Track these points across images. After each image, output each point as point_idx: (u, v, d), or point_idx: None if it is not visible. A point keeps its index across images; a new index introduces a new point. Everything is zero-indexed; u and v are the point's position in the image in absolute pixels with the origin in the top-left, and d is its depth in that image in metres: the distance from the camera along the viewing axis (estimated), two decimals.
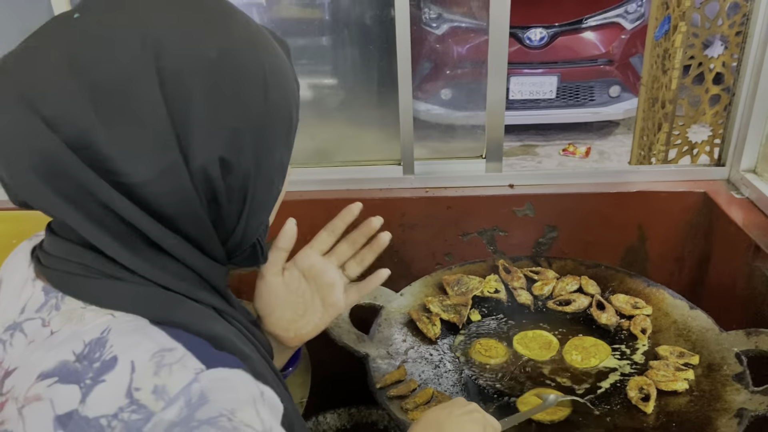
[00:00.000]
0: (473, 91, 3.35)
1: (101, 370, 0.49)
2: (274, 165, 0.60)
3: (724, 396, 1.03)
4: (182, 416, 0.47)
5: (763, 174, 1.56)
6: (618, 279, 1.36)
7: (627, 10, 4.00)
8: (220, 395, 0.49)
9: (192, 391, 0.48)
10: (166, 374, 0.48)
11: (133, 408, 0.47)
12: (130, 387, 0.48)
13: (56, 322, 0.53)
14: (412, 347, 1.22)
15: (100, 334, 0.51)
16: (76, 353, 0.50)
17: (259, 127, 0.57)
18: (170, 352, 0.50)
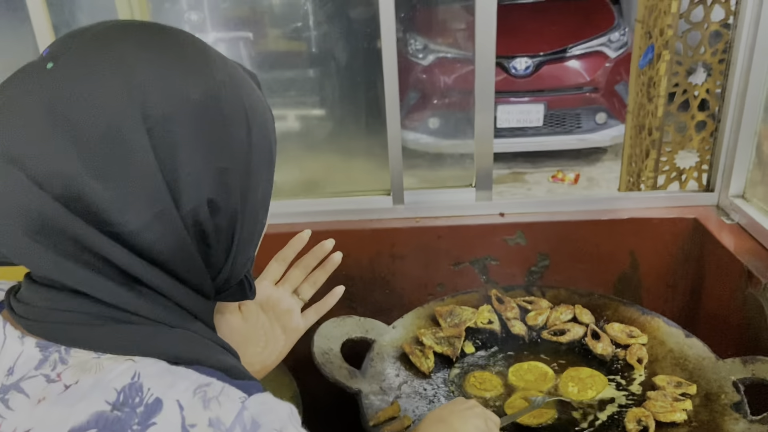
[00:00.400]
0: (460, 120, 3.38)
1: (148, 414, 0.48)
2: (258, 200, 0.61)
3: (722, 426, 1.02)
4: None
5: (751, 199, 1.57)
6: (612, 307, 1.35)
7: (610, 39, 4.07)
8: (267, 418, 0.51)
9: (245, 419, 0.50)
10: (216, 407, 0.50)
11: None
12: (184, 424, 0.48)
13: (68, 375, 0.51)
14: (405, 382, 1.19)
15: (131, 379, 0.50)
16: (111, 402, 0.49)
17: (244, 165, 0.57)
18: (209, 387, 0.51)
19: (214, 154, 0.54)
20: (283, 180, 1.89)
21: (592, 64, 4.03)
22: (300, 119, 2.06)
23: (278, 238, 1.65)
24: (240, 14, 2.20)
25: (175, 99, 0.52)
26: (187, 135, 0.53)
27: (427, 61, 3.85)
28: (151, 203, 0.51)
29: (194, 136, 0.53)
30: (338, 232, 1.73)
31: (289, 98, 2.02)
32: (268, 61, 2.19)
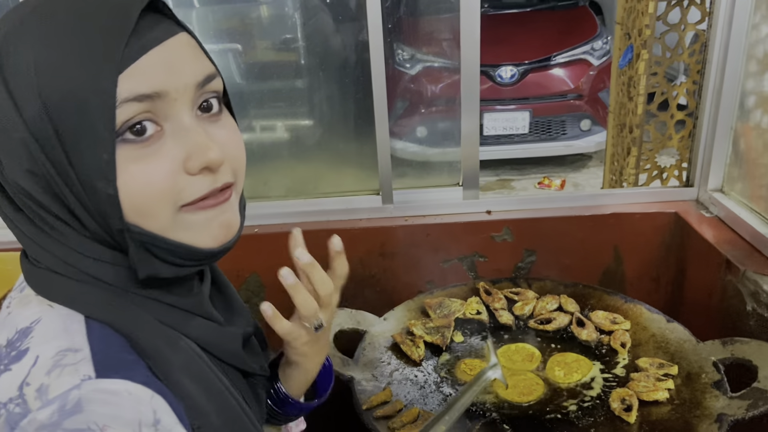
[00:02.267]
0: (448, 128, 3.43)
1: (13, 359, 0.51)
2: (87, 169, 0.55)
3: (703, 403, 1.05)
4: (52, 420, 0.47)
5: (729, 193, 1.62)
6: (596, 297, 1.39)
7: (593, 47, 4.15)
8: (96, 407, 0.48)
9: (69, 398, 0.48)
10: (56, 376, 0.49)
11: (18, 402, 0.48)
12: (24, 381, 0.49)
13: (14, 304, 0.57)
14: (396, 369, 1.22)
15: (29, 324, 0.53)
16: (8, 338, 0.53)
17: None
18: (74, 353, 0.50)
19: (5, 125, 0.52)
20: (275, 182, 1.92)
21: (576, 71, 4.11)
22: (290, 127, 2.09)
23: (270, 238, 1.69)
24: (229, 26, 2.23)
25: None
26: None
27: (414, 71, 3.91)
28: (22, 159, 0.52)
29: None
30: (329, 231, 1.75)
31: (278, 108, 2.05)
32: (257, 72, 2.22)
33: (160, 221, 0.55)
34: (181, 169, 0.54)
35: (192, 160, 0.54)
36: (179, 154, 0.54)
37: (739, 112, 1.59)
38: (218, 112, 0.59)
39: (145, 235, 0.54)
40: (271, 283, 1.72)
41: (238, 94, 1.96)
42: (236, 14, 2.18)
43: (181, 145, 0.54)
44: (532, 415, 1.09)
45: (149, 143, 0.53)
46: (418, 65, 3.82)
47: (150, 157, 0.53)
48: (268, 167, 1.94)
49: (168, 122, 0.54)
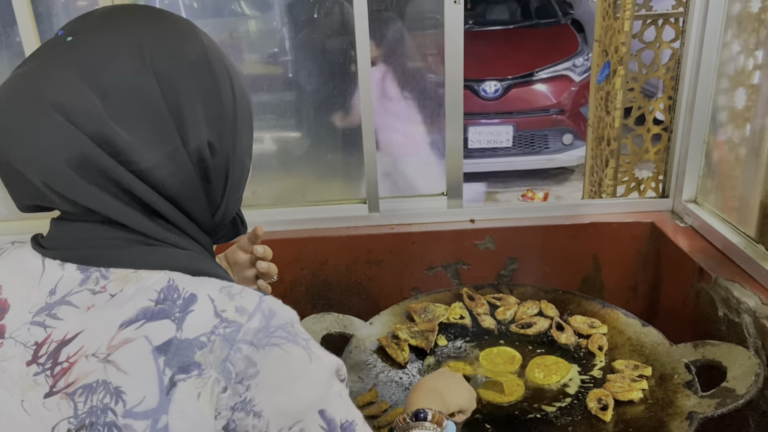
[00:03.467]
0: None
1: (186, 304, 0.60)
2: (244, 145, 0.72)
3: (675, 402, 1.10)
4: (263, 324, 0.59)
5: (703, 204, 1.68)
6: (575, 302, 1.44)
7: (575, 64, 4.25)
8: (280, 310, 0.62)
9: (263, 307, 0.61)
10: (240, 299, 0.61)
11: (225, 324, 0.58)
12: (216, 311, 0.59)
13: (112, 286, 0.62)
14: (382, 371, 1.26)
15: (168, 283, 0.61)
16: (153, 299, 0.60)
17: (232, 114, 0.69)
18: (231, 286, 0.62)
19: (209, 102, 0.66)
20: (262, 191, 1.96)
21: (558, 87, 4.20)
22: (279, 138, 2.12)
23: None
24: (218, 39, 2.27)
25: (177, 57, 0.64)
26: (188, 86, 0.64)
27: None
28: (163, 143, 0.62)
29: (193, 87, 0.65)
30: (316, 239, 1.81)
31: (267, 120, 2.09)
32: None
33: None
34: None
35: None
36: None
37: (711, 127, 1.66)
38: None
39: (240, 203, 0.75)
40: None
41: None
42: (225, 28, 2.22)
43: None
44: (512, 415, 1.13)
45: None
46: None
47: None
48: (257, 177, 1.97)
49: None
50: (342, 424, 0.62)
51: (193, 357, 0.57)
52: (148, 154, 0.62)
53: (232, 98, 0.69)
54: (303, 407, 0.60)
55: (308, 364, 0.61)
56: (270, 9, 2.23)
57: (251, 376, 0.57)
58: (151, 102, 0.62)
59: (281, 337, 0.60)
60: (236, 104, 0.69)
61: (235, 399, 0.57)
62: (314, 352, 0.62)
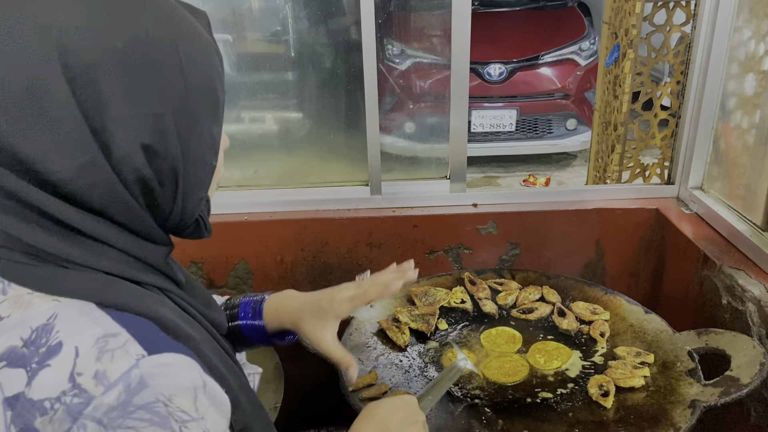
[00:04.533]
0: (436, 124, 3.46)
1: (47, 355, 0.50)
2: (204, 142, 0.61)
3: (678, 390, 1.09)
4: (120, 401, 0.49)
5: (709, 191, 1.67)
6: (577, 288, 1.43)
7: (581, 48, 4.20)
8: (159, 380, 0.51)
9: (132, 377, 0.50)
10: (108, 360, 0.50)
11: (75, 392, 0.49)
12: (72, 372, 0.50)
13: (4, 308, 0.53)
14: (382, 354, 1.25)
15: (47, 320, 0.52)
16: (24, 339, 0.51)
17: (181, 109, 0.57)
18: (114, 338, 0.52)
19: (144, 100, 0.54)
20: (264, 172, 1.94)
21: (563, 71, 4.16)
22: (281, 118, 2.10)
23: (259, 225, 1.71)
24: (220, 17, 2.24)
25: (98, 47, 0.52)
26: (113, 83, 0.53)
27: (403, 66, 3.93)
28: (77, 152, 0.52)
29: (121, 83, 0.53)
30: (318, 220, 1.79)
31: (269, 99, 2.06)
32: (248, 64, 2.23)
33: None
34: None
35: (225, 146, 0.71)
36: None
37: (720, 113, 1.63)
38: None
39: (206, 203, 0.68)
40: (258, 269, 1.74)
41: (229, 85, 1.97)
42: (227, 5, 2.19)
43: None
44: (513, 399, 1.13)
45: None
46: (408, 61, 3.85)
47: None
48: (258, 157, 1.96)
49: None
50: None
51: (33, 423, 0.49)
52: (55, 164, 0.51)
53: (182, 88, 0.57)
54: None
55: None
56: None
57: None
58: (57, 104, 0.51)
59: (140, 419, 0.49)
60: (189, 95, 0.58)
61: None
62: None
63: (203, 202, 0.66)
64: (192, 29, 0.60)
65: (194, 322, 0.64)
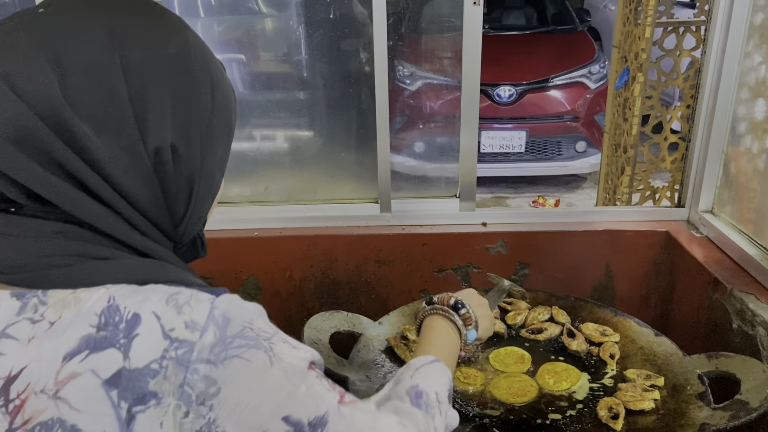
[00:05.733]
0: (445, 144, 3.49)
1: (129, 328, 0.54)
2: (216, 160, 0.67)
3: (688, 413, 1.08)
4: (218, 337, 0.55)
5: (719, 214, 1.67)
6: (587, 309, 1.42)
7: (591, 71, 4.23)
8: (237, 312, 0.57)
9: (216, 316, 0.56)
10: (189, 311, 0.55)
11: (176, 345, 0.53)
12: (164, 331, 0.54)
13: (51, 313, 0.55)
14: (390, 372, 1.25)
15: (107, 302, 0.55)
16: (95, 325, 0.54)
17: (207, 123, 0.64)
18: (179, 294, 0.56)
19: (180, 103, 0.61)
20: (275, 188, 1.95)
21: (573, 94, 4.18)
22: (292, 136, 2.12)
23: (269, 241, 1.72)
24: (234, 36, 2.27)
25: (153, 48, 0.60)
26: (159, 80, 0.59)
27: (413, 87, 3.96)
28: (120, 135, 0.57)
29: (165, 83, 0.60)
30: (327, 237, 1.80)
31: (280, 118, 2.09)
32: (261, 83, 2.26)
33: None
34: None
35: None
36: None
37: (730, 137, 1.64)
38: None
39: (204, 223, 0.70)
40: (267, 285, 1.75)
41: (242, 104, 2.00)
42: (241, 25, 2.22)
43: None
44: (521, 420, 1.12)
45: None
46: (418, 82, 3.88)
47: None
48: (269, 173, 1.97)
49: None
50: (311, 421, 0.58)
51: (147, 387, 0.52)
52: (100, 143, 0.56)
53: (210, 106, 0.64)
54: (265, 417, 0.55)
55: (269, 369, 0.56)
56: (286, 8, 2.23)
57: (213, 394, 0.54)
58: (112, 89, 0.57)
59: (240, 347, 0.55)
60: (214, 114, 0.65)
61: (199, 422, 0.53)
62: (277, 352, 0.57)
63: (203, 221, 0.70)
64: (219, 64, 0.68)
65: None
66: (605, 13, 5.94)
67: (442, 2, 2.00)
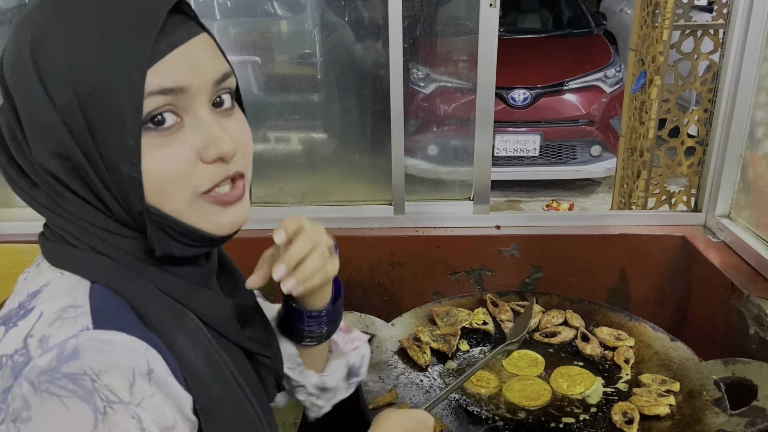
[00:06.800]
0: (459, 147, 3.48)
1: (21, 316, 0.56)
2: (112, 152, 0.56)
3: (704, 419, 1.07)
4: (51, 366, 0.51)
5: (737, 219, 1.65)
6: (601, 313, 1.41)
7: (606, 75, 4.20)
8: (91, 354, 0.52)
9: (67, 345, 0.52)
10: (56, 327, 0.54)
11: (22, 352, 0.53)
12: (28, 333, 0.54)
13: (30, 275, 0.62)
14: (403, 373, 1.25)
15: (39, 287, 0.58)
16: (20, 301, 0.58)
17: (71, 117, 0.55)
18: (74, 309, 0.55)
19: (37, 112, 0.55)
20: (289, 190, 1.96)
21: (588, 97, 4.16)
22: (307, 138, 2.13)
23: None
24: (249, 39, 2.28)
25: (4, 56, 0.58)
26: (17, 97, 0.56)
27: (428, 90, 3.96)
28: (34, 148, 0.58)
29: (18, 98, 0.56)
30: (340, 238, 1.79)
31: (295, 120, 2.09)
32: (276, 85, 2.27)
33: (178, 204, 0.59)
34: (197, 157, 0.59)
35: (208, 150, 0.59)
36: (197, 144, 0.58)
37: (748, 142, 1.62)
38: (231, 107, 0.63)
39: (163, 217, 0.58)
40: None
41: (256, 105, 2.00)
42: (256, 28, 2.23)
43: (198, 135, 0.58)
44: (535, 423, 1.11)
45: (169, 133, 0.57)
46: (433, 84, 3.89)
47: (171, 145, 0.57)
48: (284, 174, 1.98)
49: (187, 115, 0.58)
50: None
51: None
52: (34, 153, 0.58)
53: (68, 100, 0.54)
54: None
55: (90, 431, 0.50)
56: (302, 10, 2.24)
57: (23, 420, 0.50)
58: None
59: (64, 389, 0.50)
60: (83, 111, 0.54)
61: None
62: (111, 421, 0.50)
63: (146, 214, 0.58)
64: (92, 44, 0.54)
65: (186, 314, 0.62)
66: (621, 17, 5.91)
67: (458, 5, 1.99)
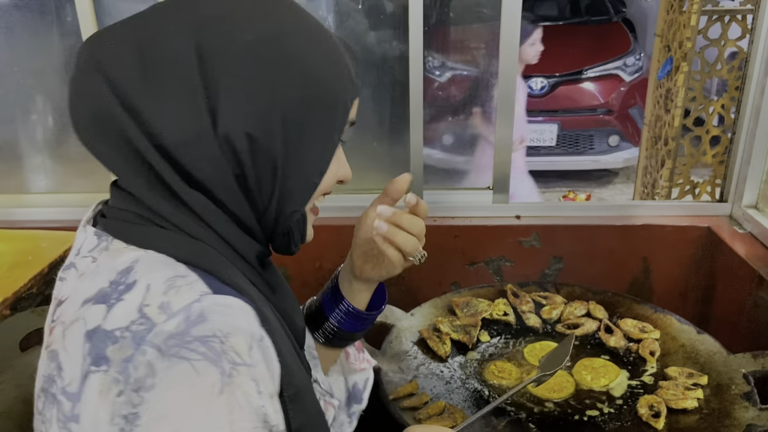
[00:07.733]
0: (475, 136, 3.44)
1: (124, 291, 0.55)
2: (310, 158, 0.63)
3: (732, 413, 1.04)
4: (179, 330, 0.52)
5: (764, 209, 1.61)
6: (625, 305, 1.38)
7: (626, 63, 4.14)
8: (218, 318, 0.53)
9: (192, 309, 0.53)
10: (174, 293, 0.54)
11: (141, 321, 0.53)
12: (141, 303, 0.54)
13: (102, 258, 0.60)
14: (423, 364, 1.23)
15: (129, 264, 0.58)
16: (110, 280, 0.57)
17: (292, 114, 0.60)
18: (183, 278, 0.56)
19: (256, 93, 0.59)
20: None
21: (606, 86, 4.10)
22: None
23: None
24: None
25: (228, 35, 0.59)
26: (234, 70, 0.58)
27: (443, 78, 3.92)
28: (191, 121, 0.58)
29: (240, 72, 0.58)
30: None
31: None
32: None
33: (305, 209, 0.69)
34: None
35: (344, 173, 0.73)
36: (338, 165, 0.70)
37: None
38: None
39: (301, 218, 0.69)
40: (297, 275, 1.73)
41: None
42: None
43: (337, 161, 0.70)
44: (558, 416, 1.09)
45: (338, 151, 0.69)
46: (448, 73, 3.84)
47: (336, 160, 0.68)
48: None
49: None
50: None
51: (105, 351, 0.52)
52: (171, 128, 0.57)
53: (298, 97, 0.61)
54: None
55: (214, 394, 0.51)
56: None
57: (147, 387, 0.50)
58: (184, 78, 0.58)
59: (195, 352, 0.51)
60: (304, 106, 0.61)
61: (128, 408, 0.51)
62: (236, 383, 0.52)
63: (298, 215, 0.67)
64: (328, 50, 0.64)
65: (270, 306, 0.66)
66: (640, 4, 5.81)
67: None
